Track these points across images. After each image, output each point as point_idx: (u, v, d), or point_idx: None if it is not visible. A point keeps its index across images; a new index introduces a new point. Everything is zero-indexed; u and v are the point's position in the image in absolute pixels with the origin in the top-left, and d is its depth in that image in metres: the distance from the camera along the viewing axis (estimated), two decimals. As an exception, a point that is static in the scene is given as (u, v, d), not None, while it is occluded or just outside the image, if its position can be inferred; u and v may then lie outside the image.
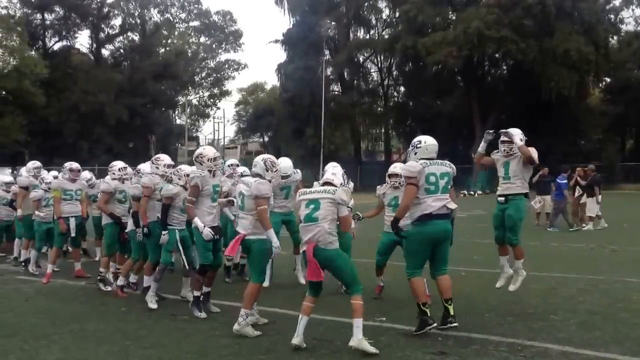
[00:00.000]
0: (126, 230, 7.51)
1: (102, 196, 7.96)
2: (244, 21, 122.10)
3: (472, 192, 38.27)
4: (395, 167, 7.28)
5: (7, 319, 6.23)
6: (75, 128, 42.13)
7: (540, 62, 38.64)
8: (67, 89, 42.60)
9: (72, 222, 8.44)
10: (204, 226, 6.04)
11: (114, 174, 8.12)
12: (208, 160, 6.33)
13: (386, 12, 51.56)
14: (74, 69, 45.10)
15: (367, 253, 8.14)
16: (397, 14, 47.54)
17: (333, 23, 47.68)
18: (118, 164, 8.29)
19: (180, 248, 6.77)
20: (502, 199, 6.68)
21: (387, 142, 57.30)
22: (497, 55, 42.86)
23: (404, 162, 6.59)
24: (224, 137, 74.42)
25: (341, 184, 5.45)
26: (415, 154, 5.74)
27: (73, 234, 8.55)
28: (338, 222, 5.16)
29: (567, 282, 8.15)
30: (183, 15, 64.29)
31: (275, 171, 5.76)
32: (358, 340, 4.87)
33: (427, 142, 5.82)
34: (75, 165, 8.93)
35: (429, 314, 5.43)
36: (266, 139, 73.76)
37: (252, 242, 5.51)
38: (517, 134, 6.64)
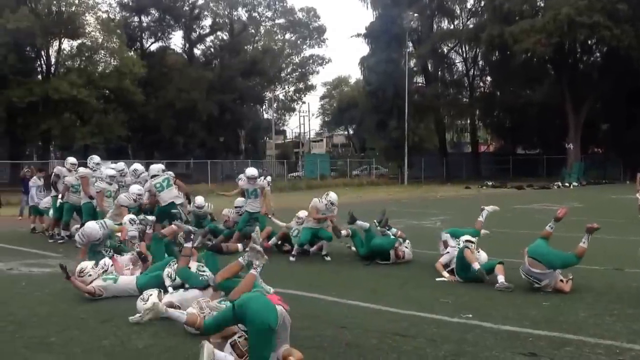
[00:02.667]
0: None
1: None
2: (327, 16, 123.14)
3: (566, 184, 36.76)
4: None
5: (103, 305, 6.51)
6: (171, 124, 43.88)
7: (637, 48, 36.52)
8: (163, 87, 44.37)
9: None
10: None
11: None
12: None
13: (471, 2, 50.61)
14: (168, 68, 46.87)
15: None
16: (482, 3, 46.63)
17: (416, 15, 47.00)
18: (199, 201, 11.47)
19: None
20: None
21: (473, 133, 56.18)
22: (589, 42, 40.88)
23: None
24: (310, 131, 75.49)
25: None
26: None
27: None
28: None
29: (672, 280, 7.60)
30: (269, 14, 65.59)
31: None
32: None
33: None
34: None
35: None
36: (350, 131, 74.16)
37: None
38: None
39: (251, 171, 10.52)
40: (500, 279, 7.03)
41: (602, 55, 43.70)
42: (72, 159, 12.52)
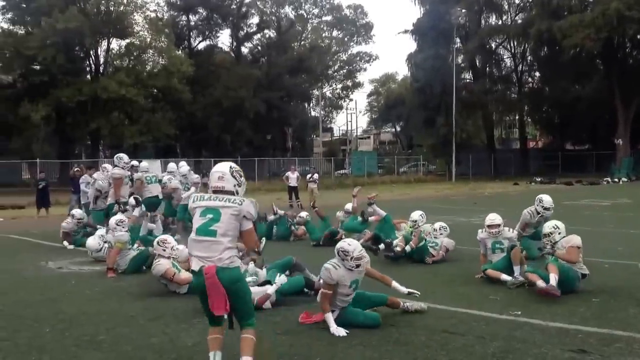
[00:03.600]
0: None
1: None
2: (375, 13, 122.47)
3: (615, 179, 35.96)
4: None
5: (153, 303, 6.64)
6: (219, 122, 44.26)
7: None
8: (211, 85, 44.79)
9: None
10: None
11: None
12: None
13: (519, -3, 49.55)
14: (216, 67, 47.27)
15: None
16: (531, -2, 45.62)
17: (464, 10, 46.45)
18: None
19: None
20: None
21: (521, 129, 55.30)
22: (639, 36, 39.53)
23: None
24: (357, 128, 75.44)
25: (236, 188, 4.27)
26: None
27: None
28: None
29: None
30: (316, 11, 65.87)
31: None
32: None
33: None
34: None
35: None
36: (398, 128, 73.83)
37: None
38: None
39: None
40: (515, 271, 7.06)
41: (653, 50, 42.54)
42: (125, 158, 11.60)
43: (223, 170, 4.24)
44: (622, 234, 11.44)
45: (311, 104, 64.81)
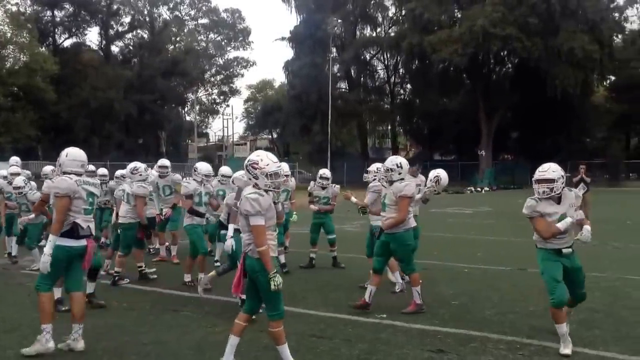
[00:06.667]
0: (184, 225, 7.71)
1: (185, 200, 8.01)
2: (252, 19, 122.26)
3: (478, 189, 38.33)
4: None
5: (9, 314, 6.28)
6: (85, 124, 42.28)
7: (546, 60, 38.50)
8: (77, 85, 42.72)
9: None
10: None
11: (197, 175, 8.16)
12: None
13: (392, 10, 51.71)
14: (83, 66, 45.17)
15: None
16: (403, 12, 47.58)
17: (339, 21, 47.68)
18: (204, 168, 8.38)
19: None
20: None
21: (394, 139, 57.51)
22: (502, 53, 42.74)
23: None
24: (233, 134, 74.82)
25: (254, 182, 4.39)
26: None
27: None
28: None
29: (569, 279, 8.08)
30: (192, 13, 64.50)
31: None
32: None
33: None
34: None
35: None
36: (274, 135, 74.09)
37: None
38: None
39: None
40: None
41: (514, 67, 45.68)
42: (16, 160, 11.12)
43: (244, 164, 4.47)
44: (482, 241, 12.21)
45: (186, 108, 63.42)
